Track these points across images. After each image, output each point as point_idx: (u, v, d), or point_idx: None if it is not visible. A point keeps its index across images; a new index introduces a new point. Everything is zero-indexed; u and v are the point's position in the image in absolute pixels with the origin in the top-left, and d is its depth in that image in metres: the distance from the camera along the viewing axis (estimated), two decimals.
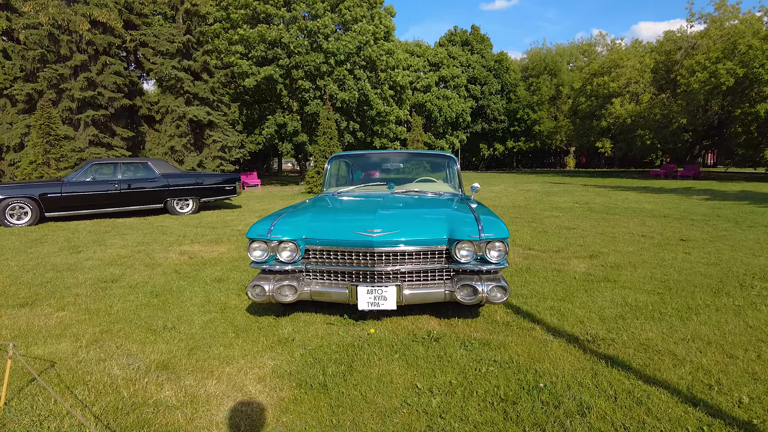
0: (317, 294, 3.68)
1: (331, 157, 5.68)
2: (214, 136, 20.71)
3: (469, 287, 3.52)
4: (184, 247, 7.25)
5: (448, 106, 44.39)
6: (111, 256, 6.66)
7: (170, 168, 11.81)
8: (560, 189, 20.12)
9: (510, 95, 52.77)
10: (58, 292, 4.80)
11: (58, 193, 10.25)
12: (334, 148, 18.10)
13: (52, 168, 14.74)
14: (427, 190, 5.07)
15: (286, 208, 4.41)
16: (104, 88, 18.40)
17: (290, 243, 3.67)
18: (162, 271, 5.65)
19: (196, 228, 9.35)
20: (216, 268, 5.81)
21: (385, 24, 25.22)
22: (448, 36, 55.30)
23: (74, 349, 3.36)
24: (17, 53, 17.76)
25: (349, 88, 22.92)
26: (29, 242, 7.96)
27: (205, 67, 21.04)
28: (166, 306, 4.32)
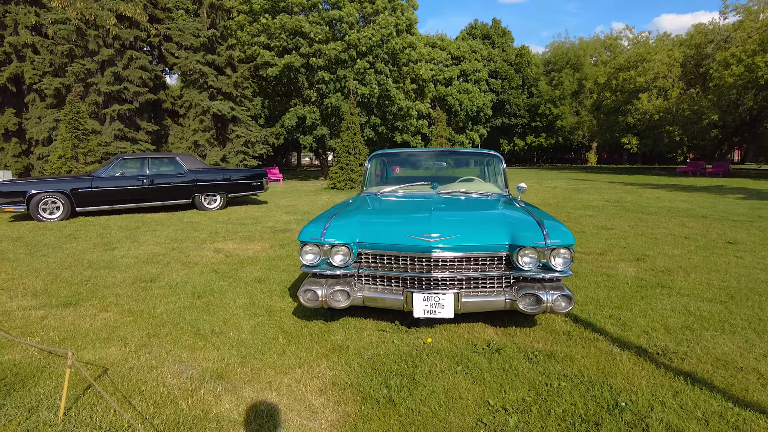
0: (370, 300, 3.54)
1: (372, 155, 5.52)
2: (237, 131, 20.71)
3: (532, 296, 3.35)
4: (217, 245, 7.18)
5: (469, 99, 43.83)
6: (146, 253, 6.61)
7: (198, 163, 11.79)
8: (587, 186, 19.72)
9: (531, 90, 51.99)
10: (99, 292, 4.75)
11: (89, 188, 10.29)
12: (357, 143, 17.96)
13: (80, 162, 14.87)
14: (473, 190, 4.89)
15: (332, 209, 4.28)
16: (130, 82, 18.50)
17: (343, 247, 3.53)
18: (200, 271, 5.57)
19: (226, 224, 9.29)
20: (254, 267, 5.71)
21: (408, 16, 24.91)
22: (469, 29, 54.63)
23: (124, 355, 3.27)
24: (46, 48, 17.93)
25: (369, 83, 22.71)
26: (63, 237, 7.97)
27: (229, 62, 21.03)
28: (211, 308, 4.22)
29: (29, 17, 18.25)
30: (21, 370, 3.05)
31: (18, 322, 3.93)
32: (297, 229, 8.63)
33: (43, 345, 3.43)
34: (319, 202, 13.44)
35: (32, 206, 9.83)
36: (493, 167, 5.47)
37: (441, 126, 18.71)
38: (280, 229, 8.58)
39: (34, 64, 17.99)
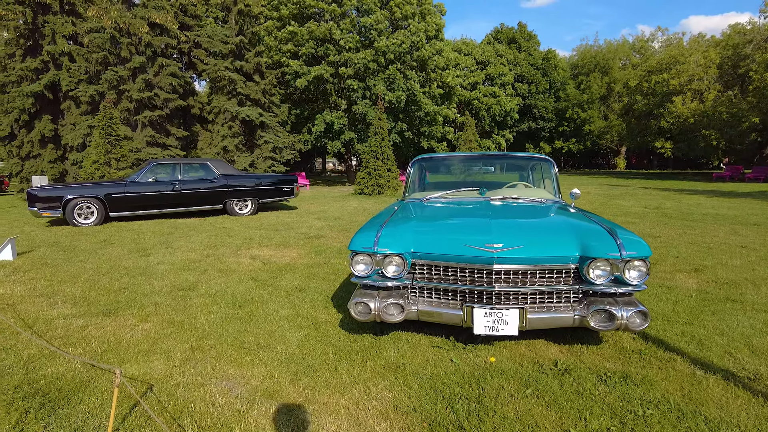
0: (426, 314, 3.31)
1: (415, 159, 5.30)
2: (265, 136, 20.76)
3: (603, 312, 3.08)
4: (253, 251, 7.05)
5: (497, 103, 43.32)
6: (181, 260, 6.51)
7: (230, 169, 11.77)
8: (620, 192, 19.14)
9: (558, 94, 51.15)
10: (137, 300, 4.63)
11: (122, 193, 10.33)
12: (384, 149, 17.80)
13: (112, 168, 15.05)
14: (525, 196, 4.62)
15: (379, 217, 4.07)
16: (160, 89, 18.73)
17: (396, 257, 3.31)
18: (238, 279, 5.43)
19: (259, 230, 9.19)
20: (293, 275, 5.54)
21: (436, 22, 24.72)
22: (494, 33, 54.13)
23: (168, 369, 3.11)
24: (81, 56, 18.29)
25: (397, 88, 22.55)
26: (98, 243, 7.97)
27: (257, 69, 21.13)
28: (253, 319, 4.05)
29: (66, 27, 18.65)
30: (65, 385, 2.92)
31: (59, 332, 3.82)
32: (330, 235, 8.47)
33: (88, 359, 3.30)
34: (348, 208, 13.29)
35: (68, 211, 9.91)
36: (544, 172, 5.19)
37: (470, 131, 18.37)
38: (313, 236, 8.42)
39: (70, 72, 18.36)
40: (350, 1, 22.70)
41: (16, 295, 4.91)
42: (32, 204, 9.82)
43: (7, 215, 12.98)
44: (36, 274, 5.80)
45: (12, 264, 6.43)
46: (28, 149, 18.68)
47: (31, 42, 18.67)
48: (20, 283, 5.39)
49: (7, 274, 5.87)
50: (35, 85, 18.00)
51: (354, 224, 9.83)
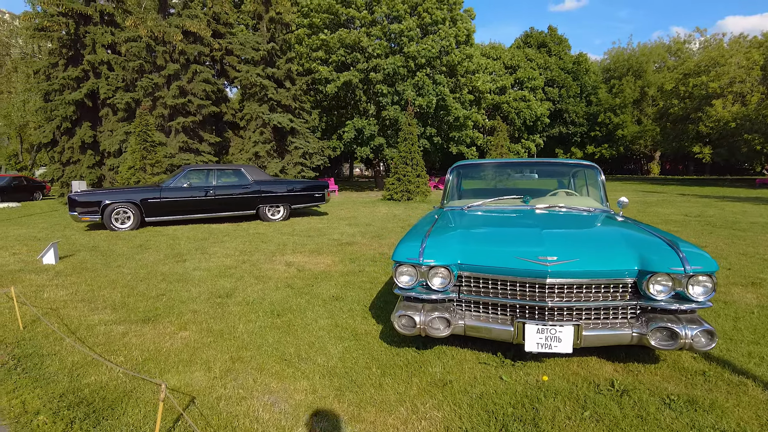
0: (473, 329, 3.17)
1: (454, 166, 5.17)
2: (296, 142, 20.92)
3: (665, 330, 2.88)
4: (287, 257, 7.02)
5: (527, 107, 42.76)
6: (217, 266, 6.52)
7: (262, 175, 11.84)
8: (657, 198, 18.52)
9: (590, 98, 50.16)
10: (175, 308, 4.62)
11: (158, 199, 10.50)
12: (414, 154, 17.68)
13: (147, 173, 15.36)
14: (572, 205, 4.43)
15: (420, 226, 3.95)
16: (194, 95, 19.08)
17: (443, 269, 3.18)
18: (274, 286, 5.38)
19: (292, 236, 9.18)
20: (329, 283, 5.46)
21: (466, 27, 24.53)
22: (524, 38, 53.54)
23: (209, 381, 3.06)
24: (119, 65, 18.81)
25: (427, 93, 22.44)
26: (135, 248, 8.08)
27: (288, 75, 21.33)
28: (292, 329, 3.97)
29: (105, 36, 19.23)
30: (108, 394, 2.89)
31: (101, 338, 3.83)
32: (362, 242, 8.39)
33: (132, 369, 3.27)
34: (379, 214, 13.20)
35: (106, 216, 10.12)
36: (590, 179, 4.99)
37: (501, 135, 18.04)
38: (346, 242, 8.36)
39: (108, 80, 18.90)
40: (381, 8, 22.74)
41: (59, 299, 4.97)
42: (73, 209, 10.06)
43: (49, 218, 13.37)
44: (77, 279, 5.88)
45: (54, 268, 6.56)
46: (68, 155, 19.29)
47: (72, 52, 19.32)
48: (62, 287, 5.47)
49: (50, 278, 5.98)
50: (76, 93, 18.60)
51: (385, 231, 9.73)
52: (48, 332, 3.96)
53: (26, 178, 24.25)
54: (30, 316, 4.38)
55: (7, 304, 4.82)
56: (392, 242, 8.29)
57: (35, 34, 19.60)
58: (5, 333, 4.03)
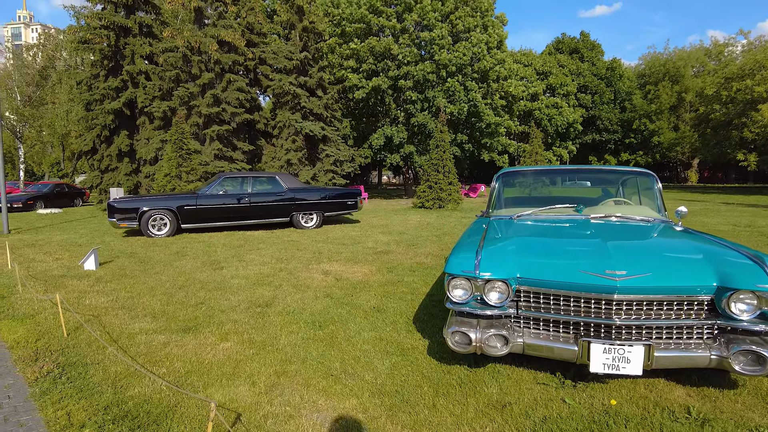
0: (533, 348, 2.96)
1: (500, 173, 4.96)
2: (327, 150, 20.99)
3: (752, 354, 2.62)
4: (323, 266, 6.92)
5: (559, 114, 42.03)
6: (254, 274, 6.46)
7: (296, 182, 11.84)
8: (700, 207, 17.76)
9: (624, 104, 48.97)
10: (215, 317, 4.55)
11: (194, 206, 10.59)
12: (446, 162, 17.46)
13: (183, 180, 15.60)
14: (629, 214, 4.17)
15: (470, 236, 3.76)
16: (228, 104, 19.36)
17: (500, 282, 2.99)
18: (313, 295, 5.27)
19: (326, 244, 9.09)
20: (369, 294, 5.31)
21: (498, 33, 24.26)
22: (555, 44, 52.82)
23: (254, 397, 2.93)
24: (156, 75, 19.26)
25: (458, 100, 22.21)
26: (172, 255, 8.12)
27: (320, 84, 21.47)
28: (336, 342, 3.84)
29: (144, 47, 19.74)
30: (153, 408, 2.80)
31: (142, 348, 3.77)
32: (398, 251, 8.23)
33: (175, 382, 3.19)
34: (411, 222, 13.03)
35: (143, 222, 10.25)
36: (644, 187, 4.71)
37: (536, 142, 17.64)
38: (381, 251, 8.21)
39: (146, 89, 19.37)
40: (412, 16, 22.70)
41: (100, 306, 4.97)
42: (111, 215, 10.24)
43: (88, 224, 13.69)
44: (117, 285, 5.90)
45: (95, 274, 6.62)
46: (107, 163, 19.81)
47: (113, 63, 19.89)
48: (103, 294, 5.48)
49: (91, 284, 6.02)
50: (115, 102, 19.11)
51: (420, 240, 9.55)
52: (91, 340, 3.93)
53: (67, 185, 25.04)
54: (73, 323, 4.38)
55: (51, 310, 4.84)
56: (428, 251, 8.11)
57: (79, 46, 20.29)
58: (50, 340, 4.02)
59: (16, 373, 3.42)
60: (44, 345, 3.91)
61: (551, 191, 5.25)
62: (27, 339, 4.06)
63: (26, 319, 4.61)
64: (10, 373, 3.42)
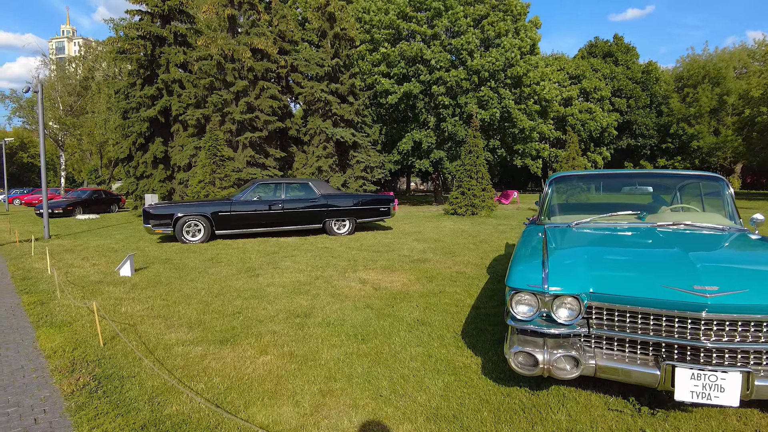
0: (608, 371, 2.65)
1: (553, 177, 4.65)
2: (357, 156, 20.88)
3: None
4: (360, 274, 6.69)
5: (592, 119, 41.03)
6: (291, 282, 6.29)
7: (329, 188, 11.70)
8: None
9: (661, 108, 47.50)
10: (253, 327, 4.37)
11: (228, 212, 10.55)
12: (479, 167, 17.07)
13: (216, 187, 15.69)
14: (700, 222, 3.81)
15: (528, 245, 3.47)
16: (261, 111, 19.46)
17: (571, 298, 2.70)
18: (352, 305, 5.04)
19: (360, 251, 8.88)
20: (410, 305, 5.05)
21: (531, 36, 23.78)
22: (588, 47, 51.74)
23: (299, 419, 2.71)
24: (191, 83, 19.55)
25: (491, 107, 21.81)
26: (207, 261, 8.04)
27: (351, 90, 21.42)
28: (381, 358, 3.59)
29: (178, 56, 20.08)
30: (191, 429, 2.60)
31: (179, 361, 3.60)
32: (435, 259, 7.94)
33: (213, 400, 2.99)
34: (445, 229, 12.71)
35: (177, 228, 10.26)
36: (714, 192, 4.32)
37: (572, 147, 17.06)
38: (417, 259, 7.94)
39: (180, 97, 19.67)
40: (442, 21, 22.47)
41: (136, 315, 4.86)
42: (147, 221, 10.28)
43: (124, 230, 13.88)
44: (152, 293, 5.81)
45: (131, 280, 6.57)
46: (142, 169, 20.16)
47: (149, 72, 20.30)
48: (139, 301, 5.39)
49: (126, 291, 5.95)
50: (150, 110, 19.46)
51: (457, 247, 9.24)
52: (127, 351, 3.79)
53: (104, 191, 25.66)
54: (109, 332, 4.26)
55: (88, 317, 4.76)
56: (467, 260, 7.80)
57: (117, 56, 20.83)
58: (86, 349, 3.90)
59: (52, 384, 3.30)
60: (81, 355, 3.80)
61: (605, 197, 4.89)
62: (64, 348, 3.96)
63: (64, 326, 4.53)
64: (46, 385, 3.30)
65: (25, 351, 3.98)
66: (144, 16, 20.47)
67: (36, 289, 6.23)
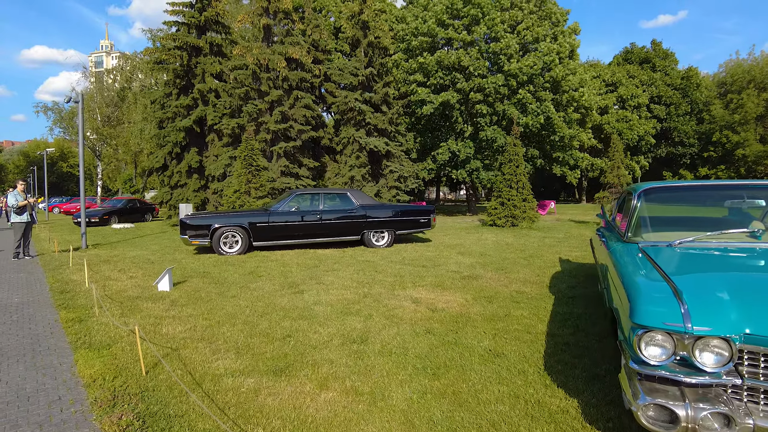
0: None
1: (643, 189, 4.10)
2: (391, 166, 20.50)
3: None
4: (409, 292, 6.22)
5: (629, 128, 39.75)
6: (338, 300, 5.86)
7: (368, 199, 11.30)
8: None
9: (702, 115, 45.70)
10: (307, 355, 3.94)
11: (266, 223, 10.25)
12: (520, 177, 16.42)
13: (252, 197, 15.50)
14: None
15: (636, 268, 2.94)
16: (295, 121, 19.30)
17: (720, 340, 2.17)
18: (411, 330, 4.57)
19: (404, 265, 8.41)
20: (475, 330, 4.55)
21: (569, 42, 23.05)
22: (624, 54, 50.43)
23: None
24: (226, 92, 19.55)
25: (532, 112, 21.13)
26: (247, 275, 7.71)
27: (384, 99, 21.10)
28: (461, 398, 3.10)
29: (214, 66, 20.15)
30: None
31: (230, 396, 3.19)
32: (487, 276, 7.40)
33: None
34: (487, 242, 12.11)
35: (215, 239, 10.00)
36: None
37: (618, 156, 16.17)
38: (468, 275, 7.42)
39: (215, 107, 19.69)
40: (480, 28, 21.99)
41: (178, 336, 4.50)
42: (184, 232, 10.05)
43: (159, 240, 13.77)
44: (193, 311, 5.47)
45: (170, 296, 6.26)
46: (177, 179, 20.21)
47: (184, 82, 20.41)
48: (180, 320, 5.04)
49: (166, 307, 5.63)
50: (186, 120, 19.52)
51: (507, 263, 8.68)
52: (171, 382, 3.40)
53: (139, 200, 25.95)
54: (151, 357, 3.90)
55: (128, 339, 4.42)
56: (523, 278, 7.24)
57: (154, 66, 21.06)
58: (128, 378, 3.54)
59: (92, 422, 2.94)
60: (122, 384, 3.43)
61: (700, 211, 4.31)
62: (104, 375, 3.60)
63: (103, 349, 4.19)
64: (86, 422, 2.94)
65: (63, 377, 3.65)
66: (180, 26, 20.65)
67: (74, 304, 5.97)
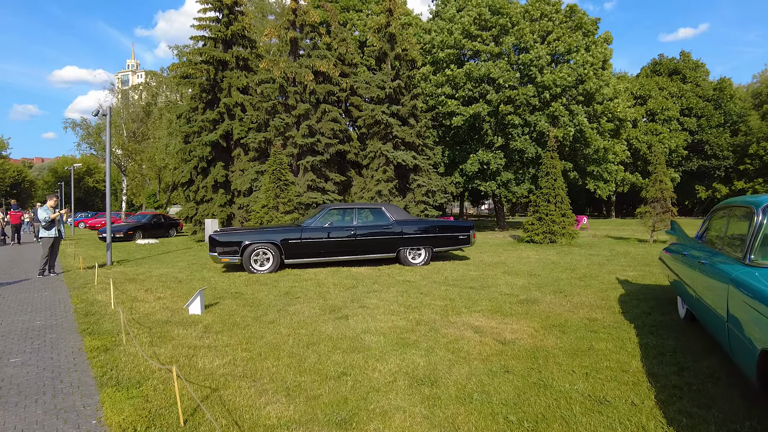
0: None
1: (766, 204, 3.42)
2: (418, 180, 19.92)
3: None
4: (466, 319, 5.58)
5: (659, 141, 38.58)
6: (389, 328, 5.24)
7: (403, 214, 10.71)
8: None
9: (737, 127, 44.25)
10: (371, 401, 3.32)
11: (298, 239, 9.72)
12: (558, 191, 15.67)
13: (279, 211, 15.05)
14: None
15: None
16: (322, 135, 18.92)
17: None
18: (485, 368, 3.91)
19: (449, 286, 7.76)
20: (560, 368, 3.87)
21: (602, 51, 22.36)
22: (652, 66, 49.39)
23: None
24: (253, 106, 19.30)
25: (564, 124, 20.41)
26: (282, 296, 7.15)
27: (412, 112, 20.61)
28: None
29: (240, 80, 19.97)
30: None
31: None
32: (547, 300, 6.71)
33: None
34: (531, 260, 11.37)
35: (245, 257, 9.50)
36: None
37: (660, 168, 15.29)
38: (525, 299, 6.73)
39: (242, 121, 19.45)
40: (509, 39, 21.48)
41: (217, 372, 3.93)
42: (213, 249, 9.59)
43: (185, 257, 13.35)
44: (229, 339, 4.90)
45: (202, 320, 5.72)
46: (202, 194, 19.94)
47: (210, 96, 20.27)
48: (216, 351, 4.47)
49: (199, 335, 5.08)
50: (212, 134, 19.30)
51: (561, 284, 7.96)
52: None
53: (163, 215, 25.81)
54: (188, 401, 3.33)
55: (160, 375, 3.86)
56: (586, 302, 6.53)
57: (180, 81, 21.00)
58: (163, 429, 2.97)
59: None
60: None
61: None
62: (134, 425, 3.03)
63: (132, 388, 3.63)
64: None
65: (86, 427, 3.09)
66: (207, 41, 20.59)
67: (99, 329, 5.47)
